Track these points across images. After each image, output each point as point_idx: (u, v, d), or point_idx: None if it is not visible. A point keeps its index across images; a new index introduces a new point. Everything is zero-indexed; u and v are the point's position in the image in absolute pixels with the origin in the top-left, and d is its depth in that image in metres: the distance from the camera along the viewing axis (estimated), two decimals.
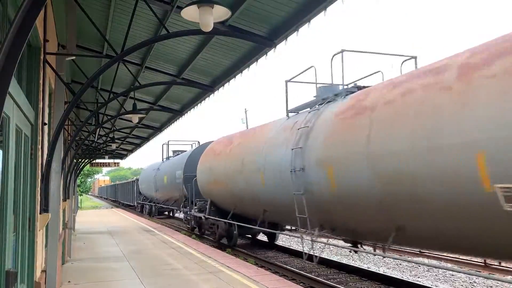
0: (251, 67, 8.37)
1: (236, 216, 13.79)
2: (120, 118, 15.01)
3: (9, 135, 3.40)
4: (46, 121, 5.93)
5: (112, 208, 49.56)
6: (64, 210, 10.47)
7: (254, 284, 8.21)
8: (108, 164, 31.67)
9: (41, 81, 5.22)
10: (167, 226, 22.73)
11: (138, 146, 23.85)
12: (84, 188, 59.50)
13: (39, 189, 5.21)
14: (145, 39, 7.78)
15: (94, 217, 30.68)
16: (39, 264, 5.47)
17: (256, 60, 8.03)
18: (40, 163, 5.23)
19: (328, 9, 5.92)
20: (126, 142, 21.62)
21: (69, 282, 8.66)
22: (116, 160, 30.36)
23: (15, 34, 1.69)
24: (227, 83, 9.55)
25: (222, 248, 14.25)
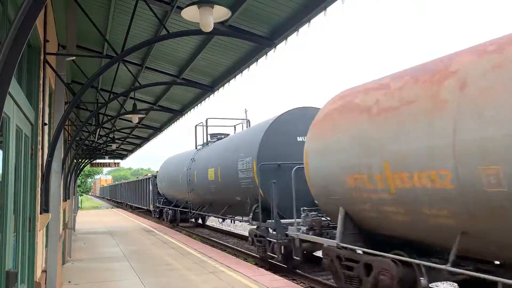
0: (251, 67, 8.36)
1: None
2: (120, 118, 15.00)
3: (9, 135, 3.40)
4: (46, 121, 5.93)
5: (112, 208, 49.57)
6: (64, 210, 10.48)
7: (254, 284, 8.21)
8: (108, 164, 31.61)
9: (41, 81, 5.22)
10: (167, 227, 22.73)
11: (138, 146, 23.85)
12: (84, 188, 59.50)
13: (39, 189, 5.21)
14: (145, 39, 7.79)
15: (94, 217, 30.69)
16: (40, 264, 5.47)
17: (256, 60, 8.02)
18: (40, 163, 5.23)
19: (328, 9, 5.92)
20: (126, 142, 21.62)
21: (69, 282, 8.66)
22: (116, 160, 30.33)
23: (15, 34, 1.69)
24: (227, 83, 9.54)
25: None
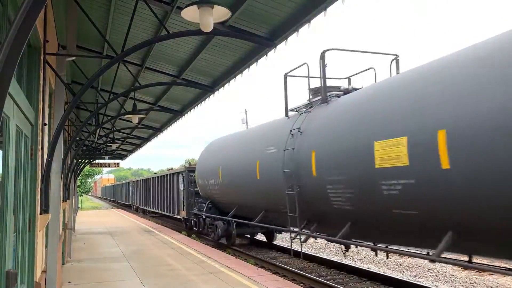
0: (251, 67, 8.36)
1: None
2: (120, 119, 15.00)
3: (9, 136, 3.40)
4: (46, 121, 5.92)
5: (112, 208, 49.57)
6: (64, 211, 10.47)
7: (254, 284, 8.21)
8: (108, 165, 31.58)
9: (41, 81, 5.22)
10: (167, 227, 22.73)
11: (138, 146, 23.84)
12: (84, 189, 59.49)
13: (39, 189, 5.20)
14: (145, 39, 7.78)
15: (94, 217, 30.69)
16: (39, 265, 5.47)
17: (256, 61, 8.01)
18: (40, 163, 5.23)
19: (328, 9, 5.91)
20: (126, 142, 21.61)
21: (69, 282, 8.66)
22: (116, 161, 30.32)
23: (15, 34, 1.69)
24: (227, 84, 9.54)
25: None
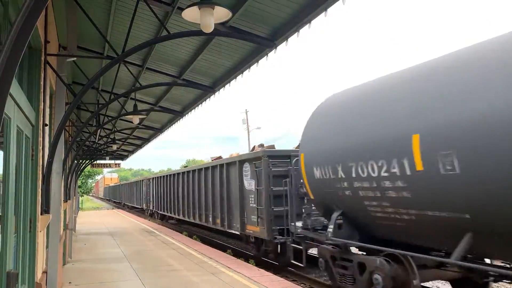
0: (251, 68, 8.37)
1: None
2: (121, 119, 15.00)
3: (10, 136, 3.40)
4: (47, 122, 5.93)
5: (113, 209, 49.58)
6: (65, 211, 10.48)
7: (255, 285, 8.20)
8: (109, 165, 31.62)
9: (42, 82, 5.23)
10: (167, 227, 22.72)
11: (139, 147, 23.85)
12: (85, 189, 59.54)
13: (40, 190, 5.21)
14: (146, 40, 7.79)
15: (95, 218, 30.69)
16: (40, 265, 5.47)
17: (257, 61, 8.02)
18: (41, 164, 5.23)
19: (328, 10, 5.92)
20: (127, 143, 21.62)
21: (70, 283, 8.66)
22: (117, 161, 30.34)
23: (16, 35, 1.69)
24: (228, 84, 9.54)
25: None
